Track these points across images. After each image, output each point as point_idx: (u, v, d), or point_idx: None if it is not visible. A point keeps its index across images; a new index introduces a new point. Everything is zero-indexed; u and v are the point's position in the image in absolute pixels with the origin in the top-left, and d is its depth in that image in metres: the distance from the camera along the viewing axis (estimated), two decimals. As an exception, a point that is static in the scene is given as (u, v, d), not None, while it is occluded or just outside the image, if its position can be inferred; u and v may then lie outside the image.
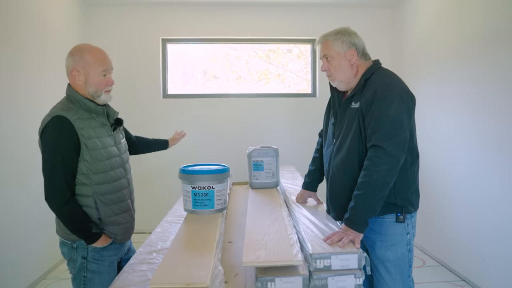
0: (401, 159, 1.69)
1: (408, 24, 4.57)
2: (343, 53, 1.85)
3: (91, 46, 1.83)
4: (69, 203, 1.71)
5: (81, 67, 1.76)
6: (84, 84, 1.78)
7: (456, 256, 3.62)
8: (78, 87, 1.79)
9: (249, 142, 3.53)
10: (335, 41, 1.85)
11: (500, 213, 3.01)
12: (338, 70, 1.86)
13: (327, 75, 1.92)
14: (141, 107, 4.81)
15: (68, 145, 1.69)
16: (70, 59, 1.79)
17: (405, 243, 1.82)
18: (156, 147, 2.45)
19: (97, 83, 1.79)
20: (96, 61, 1.78)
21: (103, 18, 4.78)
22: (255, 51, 5.22)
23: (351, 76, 1.87)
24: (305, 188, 2.23)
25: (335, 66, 1.86)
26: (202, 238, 1.70)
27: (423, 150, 1.96)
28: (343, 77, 1.87)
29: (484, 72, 3.21)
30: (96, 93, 1.80)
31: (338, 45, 1.85)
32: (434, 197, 3.93)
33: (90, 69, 1.77)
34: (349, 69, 1.86)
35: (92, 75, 1.77)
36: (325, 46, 1.88)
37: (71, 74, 1.79)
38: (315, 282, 1.40)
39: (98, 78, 1.79)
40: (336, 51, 1.85)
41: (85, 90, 1.79)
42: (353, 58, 1.85)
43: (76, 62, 1.77)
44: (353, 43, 1.85)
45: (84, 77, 1.77)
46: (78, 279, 1.81)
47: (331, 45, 1.85)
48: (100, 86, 1.80)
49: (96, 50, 1.82)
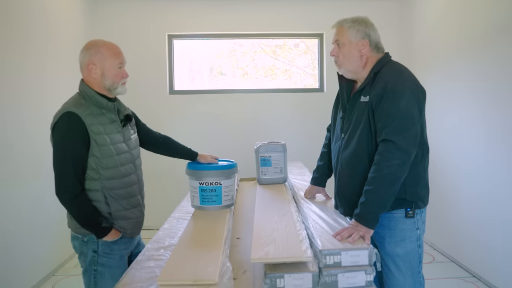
0: (412, 153, 1.66)
1: (416, 17, 4.51)
2: (355, 42, 1.81)
3: (106, 40, 1.88)
4: (79, 197, 1.73)
5: (97, 60, 1.80)
6: (100, 77, 1.81)
7: (466, 251, 3.58)
8: (93, 81, 1.82)
9: (257, 138, 3.51)
10: (350, 28, 1.82)
11: (510, 207, 2.96)
12: (346, 58, 1.84)
13: (334, 60, 1.90)
14: (148, 103, 4.80)
15: (78, 141, 1.72)
16: (85, 54, 1.82)
17: (414, 238, 1.80)
18: (184, 155, 2.23)
19: (114, 76, 1.83)
20: (112, 54, 1.83)
21: (108, 14, 4.78)
22: (261, 46, 5.19)
23: (358, 66, 1.84)
24: (314, 183, 2.21)
25: (344, 53, 1.83)
26: (210, 234, 1.69)
27: (432, 144, 1.93)
28: (350, 66, 1.85)
29: (492, 66, 3.17)
30: (113, 85, 1.84)
31: (352, 33, 1.81)
32: (443, 192, 3.89)
33: (106, 62, 1.81)
34: (358, 59, 1.83)
35: (109, 67, 1.81)
36: (339, 31, 1.85)
37: (87, 68, 1.81)
38: (325, 279, 1.38)
39: (115, 70, 1.83)
40: (348, 39, 1.82)
41: (101, 84, 1.82)
42: (364, 49, 1.82)
43: (92, 56, 1.81)
44: (367, 34, 1.82)
45: (100, 70, 1.81)
46: (88, 273, 1.83)
47: (345, 32, 1.83)
48: (117, 79, 1.84)
49: (111, 44, 1.87)
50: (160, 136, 2.23)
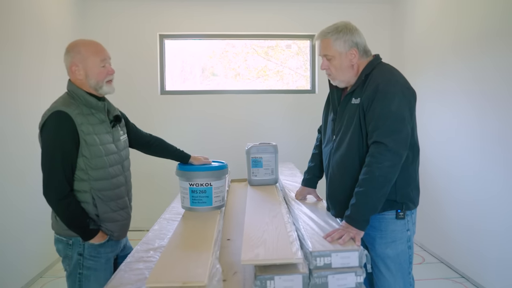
0: (403, 155, 1.67)
1: (408, 19, 4.54)
2: (344, 53, 1.79)
3: (85, 40, 1.85)
4: (67, 198, 1.70)
5: (79, 61, 1.78)
6: (85, 77, 1.79)
7: (456, 253, 3.60)
8: (79, 82, 1.80)
9: (248, 139, 3.50)
10: (336, 40, 1.78)
11: (501, 209, 2.99)
12: (339, 70, 1.81)
13: (326, 73, 1.88)
14: (139, 103, 4.77)
15: (67, 140, 1.70)
16: (67, 56, 1.81)
17: (405, 240, 1.80)
18: (176, 157, 2.21)
19: (97, 74, 1.80)
20: (92, 53, 1.80)
21: (100, 13, 4.74)
22: (253, 47, 5.18)
23: (352, 75, 1.83)
24: (305, 185, 2.21)
25: (336, 66, 1.81)
26: (200, 235, 1.68)
27: (423, 146, 1.93)
28: (343, 77, 1.83)
29: (486, 68, 3.18)
30: (98, 84, 1.81)
31: (340, 45, 1.79)
32: (434, 194, 3.92)
33: (88, 62, 1.79)
34: (350, 69, 1.81)
35: (91, 67, 1.79)
36: (326, 45, 1.81)
37: (71, 70, 1.80)
38: (315, 280, 1.38)
39: (97, 69, 1.80)
40: (338, 51, 1.79)
41: (86, 84, 1.80)
42: (355, 58, 1.80)
43: (73, 57, 1.79)
44: (355, 43, 1.79)
45: (83, 70, 1.79)
46: (73, 276, 1.79)
47: (332, 45, 1.79)
48: (100, 77, 1.81)
49: (90, 42, 1.84)
50: (151, 137, 2.21)
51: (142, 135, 2.18)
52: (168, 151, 2.21)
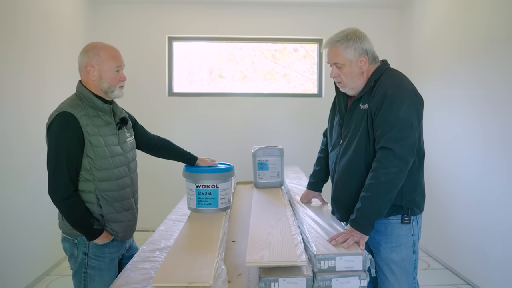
0: (410, 162, 1.67)
1: (415, 25, 4.53)
2: (355, 60, 1.78)
3: (105, 43, 1.88)
4: (72, 198, 1.72)
5: (95, 63, 1.80)
6: (98, 79, 1.82)
7: (461, 258, 3.58)
8: (91, 83, 1.82)
9: (254, 142, 3.51)
10: (346, 48, 1.78)
11: (506, 215, 2.98)
12: (349, 78, 1.81)
13: (336, 81, 1.87)
14: (146, 105, 4.81)
15: (73, 141, 1.72)
16: (84, 56, 1.83)
17: (410, 244, 1.80)
18: (183, 159, 2.21)
19: (111, 79, 1.83)
20: (110, 57, 1.82)
21: (109, 16, 4.79)
22: (261, 50, 5.20)
23: (362, 82, 1.82)
24: (310, 188, 2.21)
25: (346, 73, 1.80)
26: (206, 237, 1.69)
27: (429, 151, 1.94)
28: (354, 84, 1.82)
29: (489, 74, 3.18)
30: (110, 88, 1.84)
31: (350, 53, 1.78)
32: (439, 199, 3.90)
33: (104, 65, 1.81)
34: (360, 76, 1.81)
35: (106, 70, 1.81)
36: (336, 53, 1.80)
37: (85, 69, 1.82)
38: (319, 283, 1.39)
39: (112, 73, 1.83)
40: (347, 59, 1.78)
41: (98, 86, 1.82)
42: (365, 65, 1.80)
43: (90, 58, 1.81)
44: (364, 50, 1.79)
45: (98, 72, 1.81)
46: (78, 275, 1.81)
47: (342, 53, 1.78)
48: (114, 82, 1.84)
49: (110, 47, 1.87)
50: (159, 139, 2.21)
51: (150, 137, 2.18)
52: (175, 153, 2.21)
